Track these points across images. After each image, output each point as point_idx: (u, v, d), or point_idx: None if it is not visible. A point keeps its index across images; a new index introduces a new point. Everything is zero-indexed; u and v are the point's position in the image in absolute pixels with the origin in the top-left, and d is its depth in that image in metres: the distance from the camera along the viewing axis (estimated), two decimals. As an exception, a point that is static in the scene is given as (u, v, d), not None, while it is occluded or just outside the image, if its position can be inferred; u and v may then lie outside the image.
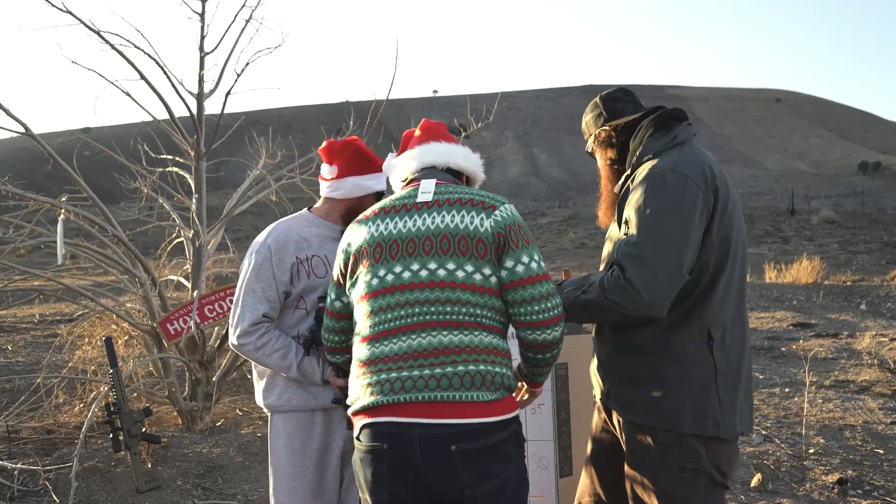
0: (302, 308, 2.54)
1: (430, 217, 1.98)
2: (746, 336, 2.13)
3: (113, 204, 7.76)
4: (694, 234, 1.96)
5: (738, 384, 2.06)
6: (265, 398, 2.59)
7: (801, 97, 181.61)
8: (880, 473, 4.42)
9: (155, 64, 5.21)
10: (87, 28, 4.99)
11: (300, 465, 2.53)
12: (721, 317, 2.03)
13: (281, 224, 2.59)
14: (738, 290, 2.09)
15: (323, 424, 2.57)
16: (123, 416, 4.14)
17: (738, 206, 2.14)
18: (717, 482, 2.03)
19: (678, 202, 1.96)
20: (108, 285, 5.87)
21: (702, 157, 2.09)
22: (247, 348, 2.46)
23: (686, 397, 2.01)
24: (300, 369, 2.47)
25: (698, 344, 2.01)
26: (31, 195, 4.66)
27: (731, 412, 2.03)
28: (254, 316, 2.45)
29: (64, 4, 4.87)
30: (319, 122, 22.48)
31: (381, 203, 2.11)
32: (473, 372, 1.89)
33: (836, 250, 22.78)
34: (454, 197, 2.01)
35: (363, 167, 2.62)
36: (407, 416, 1.88)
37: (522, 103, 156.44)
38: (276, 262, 2.47)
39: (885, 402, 6.06)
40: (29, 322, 10.11)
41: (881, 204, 50.07)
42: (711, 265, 2.02)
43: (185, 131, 5.57)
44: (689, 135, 2.16)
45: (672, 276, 1.94)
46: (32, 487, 4.21)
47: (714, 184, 2.01)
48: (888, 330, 9.64)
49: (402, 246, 1.98)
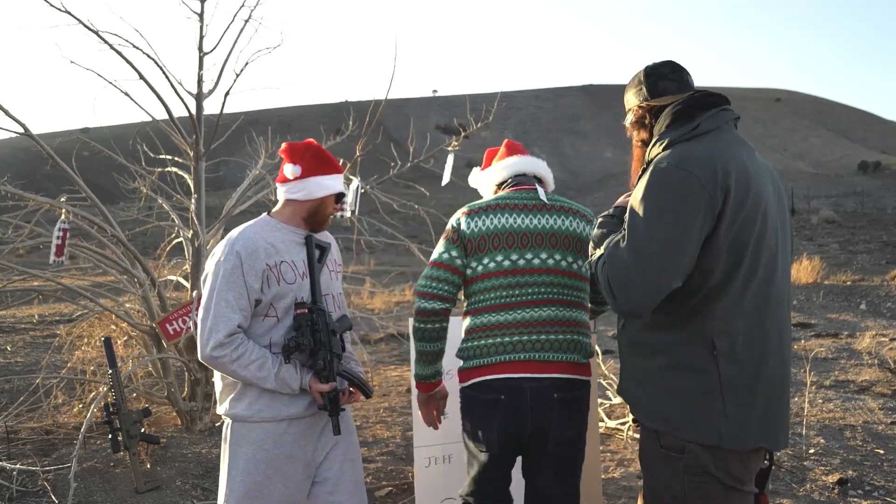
0: (272, 316, 2.45)
1: (551, 218, 2.60)
2: (776, 348, 1.96)
3: (112, 204, 7.76)
4: (691, 237, 1.82)
5: (755, 397, 1.91)
6: (232, 408, 2.46)
7: (801, 97, 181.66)
8: (880, 473, 4.42)
9: (154, 64, 5.20)
10: (86, 28, 4.98)
11: (262, 475, 2.42)
12: (729, 326, 1.89)
13: (247, 230, 2.49)
14: (758, 299, 1.92)
15: (293, 433, 2.47)
16: (122, 416, 4.14)
17: (770, 207, 1.95)
18: (728, 486, 1.94)
19: (676, 203, 1.83)
20: (108, 285, 5.86)
21: (721, 151, 1.91)
22: (222, 360, 2.36)
23: (687, 405, 1.93)
24: (278, 379, 2.38)
25: (699, 353, 1.91)
26: (31, 195, 4.66)
27: (742, 425, 1.91)
28: (229, 326, 2.35)
29: (63, 4, 4.86)
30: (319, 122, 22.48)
31: (502, 199, 2.62)
32: (577, 340, 2.56)
33: (836, 250, 22.78)
34: (565, 206, 2.64)
35: (326, 167, 2.58)
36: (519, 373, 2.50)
37: (522, 103, 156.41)
38: (246, 269, 2.38)
39: (885, 402, 6.05)
40: (28, 322, 10.10)
41: (881, 204, 50.08)
42: (717, 272, 1.87)
43: (185, 131, 5.56)
44: (718, 123, 1.98)
45: (655, 283, 1.84)
46: (31, 488, 4.20)
47: (725, 183, 1.84)
48: (888, 330, 9.64)
49: (531, 237, 2.56)
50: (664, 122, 2.03)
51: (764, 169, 2.02)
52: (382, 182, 5.94)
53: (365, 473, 4.60)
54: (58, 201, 4.69)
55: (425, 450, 3.73)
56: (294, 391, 2.42)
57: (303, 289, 2.48)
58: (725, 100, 2.04)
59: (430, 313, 2.58)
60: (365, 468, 4.70)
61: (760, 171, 1.97)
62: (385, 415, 6.04)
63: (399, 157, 6.20)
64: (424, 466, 3.72)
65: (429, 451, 3.73)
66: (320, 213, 2.58)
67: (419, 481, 3.72)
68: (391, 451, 5.05)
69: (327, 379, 2.42)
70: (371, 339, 9.63)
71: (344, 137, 6.39)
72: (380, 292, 11.59)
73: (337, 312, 2.62)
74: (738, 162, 1.90)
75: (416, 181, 7.42)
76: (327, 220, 2.63)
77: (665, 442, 1.97)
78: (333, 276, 2.67)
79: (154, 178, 6.01)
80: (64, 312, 10.62)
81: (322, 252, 2.60)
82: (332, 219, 2.68)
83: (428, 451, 3.73)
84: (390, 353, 8.94)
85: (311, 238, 2.56)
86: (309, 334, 2.40)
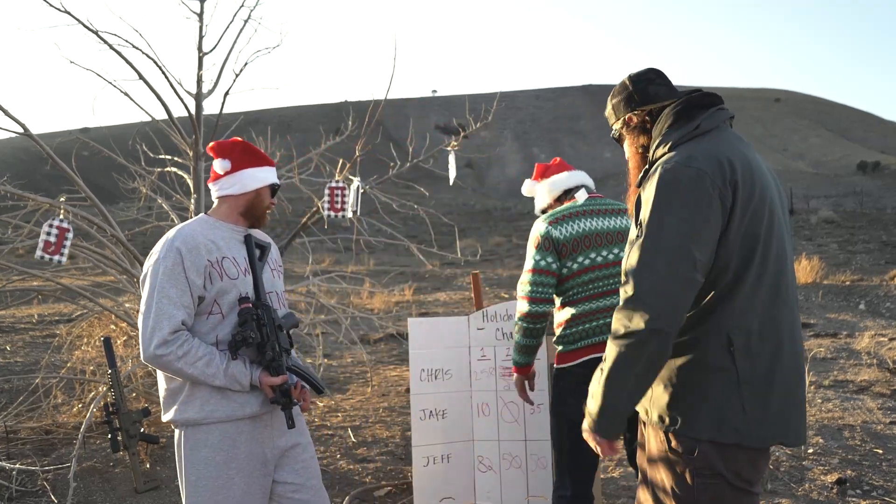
0: (217, 313, 2.40)
1: (615, 219, 3.12)
2: (788, 341, 1.96)
3: (112, 204, 7.77)
4: (708, 234, 1.85)
5: (771, 392, 1.91)
6: (182, 412, 2.37)
7: (801, 97, 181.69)
8: (879, 473, 4.42)
9: (153, 64, 5.21)
10: (86, 28, 4.98)
11: (225, 477, 2.38)
12: (745, 322, 1.89)
13: (185, 227, 2.45)
14: (769, 293, 1.93)
15: (249, 433, 2.42)
16: (122, 416, 4.12)
17: (774, 201, 1.97)
18: (737, 487, 1.93)
19: (690, 200, 1.84)
20: (107, 285, 5.87)
21: (724, 148, 1.93)
22: (167, 359, 2.28)
23: (704, 403, 1.91)
24: (227, 375, 2.33)
25: (717, 350, 1.90)
26: (30, 195, 4.66)
27: (760, 421, 1.90)
28: (172, 323, 2.29)
29: (62, 4, 4.86)
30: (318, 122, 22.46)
31: (578, 207, 3.10)
32: None
33: (836, 250, 22.77)
34: (619, 208, 3.16)
35: (256, 160, 2.56)
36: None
37: (522, 103, 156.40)
38: (188, 265, 2.34)
39: (884, 401, 6.06)
40: (27, 322, 10.10)
41: (880, 204, 50.11)
42: (731, 268, 1.89)
43: (184, 131, 5.57)
44: (717, 122, 2.01)
45: (684, 283, 1.84)
46: (31, 488, 4.20)
47: (733, 178, 1.87)
48: (887, 330, 9.65)
49: (606, 236, 3.07)
50: (665, 122, 2.05)
51: (764, 166, 2.05)
52: (382, 182, 5.94)
53: (364, 473, 4.61)
54: (57, 201, 4.70)
55: (424, 449, 3.74)
56: (244, 387, 2.37)
57: (245, 285, 2.45)
58: (720, 99, 2.07)
59: (541, 315, 3.00)
60: (364, 468, 4.71)
61: (762, 167, 2.01)
62: (384, 415, 6.04)
63: (398, 157, 6.21)
64: (423, 466, 3.73)
65: (427, 451, 3.74)
66: (257, 207, 2.56)
67: (418, 481, 3.72)
68: (390, 450, 5.06)
69: (277, 372, 2.37)
70: (370, 339, 9.63)
71: (343, 137, 6.39)
72: (379, 292, 11.59)
73: (282, 310, 2.59)
74: (742, 157, 1.93)
75: (416, 181, 7.43)
76: (265, 214, 2.61)
77: (675, 444, 1.95)
78: (276, 275, 2.65)
79: (153, 178, 6.01)
80: (63, 312, 10.63)
81: (263, 250, 2.59)
82: (269, 214, 2.64)
83: (427, 451, 3.74)
84: (389, 353, 8.94)
85: (250, 236, 2.54)
86: (255, 328, 2.35)
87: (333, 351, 8.87)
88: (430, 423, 3.76)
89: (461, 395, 3.81)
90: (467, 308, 12.20)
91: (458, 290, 15.18)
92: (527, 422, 3.74)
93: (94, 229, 5.03)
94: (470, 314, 3.89)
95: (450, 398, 3.81)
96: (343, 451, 5.06)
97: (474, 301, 4.05)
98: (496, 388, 3.78)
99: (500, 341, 3.81)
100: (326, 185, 5.30)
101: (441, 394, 3.79)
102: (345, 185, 5.29)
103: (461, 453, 3.79)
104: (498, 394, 3.78)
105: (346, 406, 6.34)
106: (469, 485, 3.77)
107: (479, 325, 3.85)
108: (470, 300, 13.05)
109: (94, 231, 5.05)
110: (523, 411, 3.73)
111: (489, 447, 3.77)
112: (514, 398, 3.65)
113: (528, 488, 3.72)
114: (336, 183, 5.28)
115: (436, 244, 6.68)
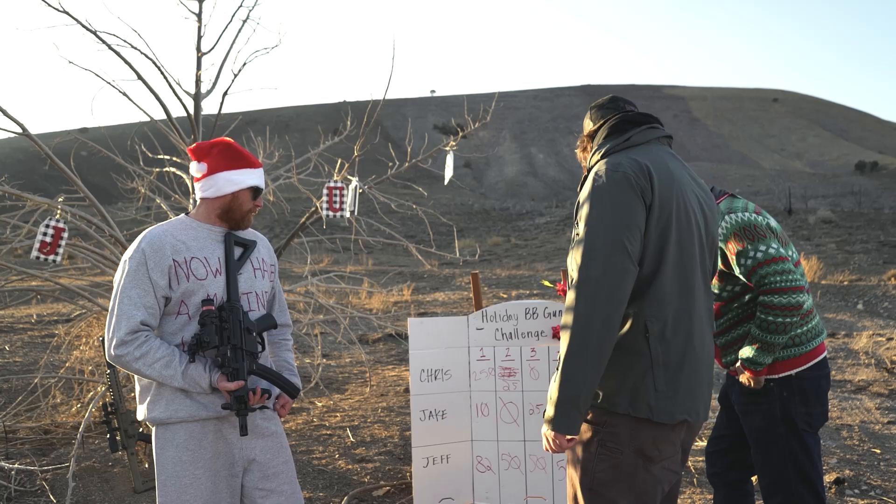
0: (184, 314, 2.40)
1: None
2: (698, 331, 2.21)
3: (110, 204, 7.76)
4: (636, 229, 2.09)
5: (680, 374, 2.15)
6: (150, 412, 2.40)
7: (799, 97, 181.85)
8: (877, 473, 4.43)
9: (152, 64, 5.21)
10: (84, 28, 4.98)
11: (191, 476, 2.39)
12: (660, 312, 2.13)
13: (155, 229, 2.45)
14: (682, 287, 2.17)
15: (214, 433, 2.42)
16: (120, 416, 4.12)
17: (693, 211, 2.22)
18: (635, 462, 2.14)
19: (617, 198, 2.10)
20: (106, 285, 5.86)
21: (648, 157, 2.19)
22: (125, 359, 2.30)
23: (623, 382, 2.13)
24: (185, 377, 2.32)
25: (636, 336, 2.13)
26: (28, 195, 4.66)
27: (670, 399, 2.13)
28: (130, 324, 2.29)
29: (60, 4, 4.86)
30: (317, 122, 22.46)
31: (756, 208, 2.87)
32: None
33: (834, 250, 22.79)
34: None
35: (233, 162, 2.51)
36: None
37: (520, 103, 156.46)
38: (151, 266, 2.34)
39: (881, 401, 6.07)
40: (26, 322, 10.10)
41: (878, 204, 50.15)
42: (648, 262, 2.12)
43: (183, 131, 5.57)
44: (648, 138, 2.28)
45: (621, 273, 2.05)
46: (29, 488, 4.20)
47: (651, 182, 2.13)
48: (885, 330, 9.66)
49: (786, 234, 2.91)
50: (602, 135, 2.35)
51: (689, 180, 2.30)
52: (380, 182, 5.95)
53: (363, 473, 4.61)
54: (55, 201, 4.70)
55: (424, 450, 3.74)
56: (205, 390, 2.36)
57: (216, 286, 2.42)
58: (655, 119, 2.36)
59: (799, 306, 2.67)
60: (363, 468, 4.71)
61: (686, 180, 2.27)
62: (383, 414, 6.05)
63: (397, 157, 6.21)
64: (423, 466, 3.73)
65: (427, 452, 3.75)
66: (235, 210, 2.51)
67: (417, 481, 3.73)
68: (389, 450, 5.06)
69: (234, 377, 2.34)
70: (369, 340, 9.64)
71: (342, 137, 6.40)
72: (378, 292, 11.59)
73: (258, 311, 2.55)
74: (663, 165, 2.21)
75: (414, 181, 7.44)
76: (246, 216, 2.54)
77: (592, 416, 2.17)
78: (259, 274, 2.58)
79: (152, 178, 6.01)
80: (62, 312, 10.62)
81: (245, 249, 2.54)
82: (252, 215, 2.58)
83: (426, 452, 3.74)
84: (388, 353, 8.94)
85: (229, 235, 2.51)
86: (214, 332, 2.33)
87: (332, 351, 8.87)
88: (429, 424, 3.76)
89: (460, 395, 3.81)
90: (465, 308, 12.21)
91: (457, 289, 15.18)
92: (525, 422, 3.75)
93: (92, 229, 5.02)
94: (469, 314, 3.89)
95: (449, 398, 3.81)
96: (341, 451, 5.06)
97: (474, 301, 4.06)
98: (495, 388, 3.79)
99: (500, 342, 3.81)
100: (325, 184, 5.31)
101: (440, 394, 3.79)
102: (343, 185, 5.29)
103: (460, 453, 3.79)
104: (497, 394, 3.79)
105: (345, 406, 6.35)
106: (468, 485, 3.78)
107: (479, 326, 3.85)
108: (468, 300, 13.06)
109: (93, 231, 5.05)
110: (522, 412, 3.74)
111: (488, 447, 3.78)
112: (514, 398, 3.66)
113: (526, 489, 3.73)
114: (334, 183, 5.28)
115: (434, 244, 6.68)
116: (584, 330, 2.04)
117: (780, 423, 2.81)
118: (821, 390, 2.90)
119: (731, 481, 3.13)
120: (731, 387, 3.00)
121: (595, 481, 2.16)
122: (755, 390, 2.84)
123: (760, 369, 2.78)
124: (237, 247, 2.53)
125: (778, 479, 2.85)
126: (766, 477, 2.89)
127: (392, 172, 5.98)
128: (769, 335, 2.68)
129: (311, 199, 5.75)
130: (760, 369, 2.78)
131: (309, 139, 8.54)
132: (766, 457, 2.87)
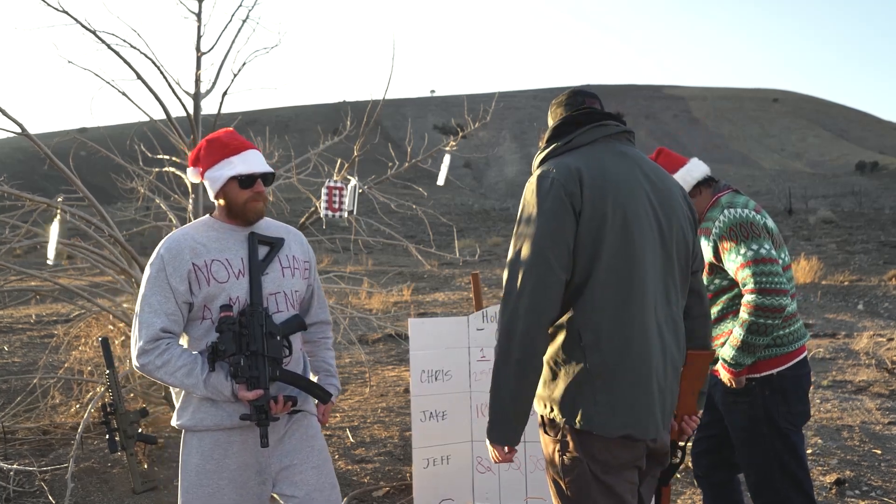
0: (207, 318, 2.33)
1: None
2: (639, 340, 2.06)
3: (109, 204, 7.76)
4: (563, 237, 2.03)
5: (618, 386, 2.04)
6: (178, 417, 2.37)
7: (799, 97, 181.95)
8: (878, 474, 4.42)
9: (151, 64, 5.20)
10: (84, 28, 4.98)
11: (215, 486, 2.33)
12: (593, 320, 2.04)
13: (175, 233, 2.38)
14: (619, 294, 2.05)
15: (241, 443, 2.35)
16: (120, 416, 4.13)
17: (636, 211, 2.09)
18: (594, 471, 2.07)
19: (546, 205, 2.04)
20: (105, 285, 5.86)
21: (583, 160, 2.11)
22: (148, 368, 2.25)
23: (564, 393, 2.08)
24: (208, 386, 2.25)
25: (571, 345, 2.07)
26: (28, 195, 4.65)
27: (609, 413, 2.03)
28: (150, 332, 2.24)
29: (60, 4, 4.85)
30: (316, 122, 22.46)
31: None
32: None
33: (834, 250, 22.79)
34: None
35: (211, 158, 2.40)
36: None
37: (520, 103, 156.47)
38: (170, 272, 2.27)
39: (882, 402, 6.06)
40: (25, 322, 10.09)
41: (878, 204, 50.17)
42: (579, 269, 2.05)
43: (182, 131, 5.56)
44: (593, 137, 2.19)
45: (544, 283, 2.01)
46: (28, 488, 4.20)
47: (581, 186, 2.05)
48: (886, 330, 9.66)
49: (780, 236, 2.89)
50: (544, 137, 2.29)
51: (643, 182, 2.15)
52: (380, 182, 5.94)
53: (362, 473, 4.60)
54: (55, 201, 4.69)
55: (424, 451, 3.73)
56: (228, 398, 2.29)
57: (239, 288, 2.33)
58: (611, 116, 2.25)
59: (781, 309, 2.62)
60: (363, 468, 4.70)
61: (631, 181, 2.13)
62: (383, 415, 6.04)
63: (397, 157, 6.20)
64: (423, 467, 3.72)
65: (427, 452, 3.74)
66: (233, 204, 2.39)
67: (417, 482, 3.72)
68: (389, 451, 5.05)
69: (253, 385, 2.24)
70: (369, 340, 9.63)
71: (342, 137, 6.39)
72: (377, 292, 11.58)
73: (288, 312, 2.43)
74: (599, 169, 2.10)
75: (414, 181, 7.43)
76: (246, 209, 2.39)
77: (548, 429, 2.15)
78: (288, 273, 2.46)
79: (151, 178, 6.01)
80: (61, 312, 10.62)
81: (271, 248, 2.45)
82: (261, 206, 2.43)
83: (426, 452, 3.74)
84: (388, 354, 8.93)
85: (253, 235, 2.41)
86: (230, 339, 2.23)
87: (332, 351, 8.85)
88: (429, 425, 3.75)
89: (460, 395, 3.80)
90: (465, 308, 12.20)
91: (457, 290, 15.18)
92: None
93: (91, 229, 5.02)
94: (469, 315, 3.88)
95: (449, 399, 3.80)
96: (341, 451, 5.05)
97: (474, 301, 4.05)
98: (495, 388, 3.77)
99: (499, 342, 3.81)
100: (324, 184, 5.30)
101: (441, 395, 3.78)
102: (343, 184, 5.28)
103: (460, 454, 3.79)
104: (497, 394, 3.78)
105: (345, 406, 6.34)
106: (468, 486, 3.77)
107: (479, 326, 3.84)
108: (468, 300, 13.05)
109: (92, 231, 5.04)
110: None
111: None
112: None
113: (526, 489, 3.72)
114: (334, 183, 5.27)
115: (434, 244, 6.68)
116: (506, 342, 2.02)
117: (763, 423, 2.80)
118: (802, 389, 2.88)
119: (716, 482, 3.13)
120: (714, 386, 2.98)
121: (569, 491, 2.12)
122: (737, 389, 2.83)
123: (741, 370, 2.77)
124: (263, 245, 2.43)
125: (764, 478, 2.84)
126: (753, 476, 2.88)
127: (392, 172, 5.98)
128: (751, 336, 2.66)
129: (311, 199, 5.74)
130: (741, 370, 2.77)
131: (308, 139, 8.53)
132: (751, 457, 2.86)
